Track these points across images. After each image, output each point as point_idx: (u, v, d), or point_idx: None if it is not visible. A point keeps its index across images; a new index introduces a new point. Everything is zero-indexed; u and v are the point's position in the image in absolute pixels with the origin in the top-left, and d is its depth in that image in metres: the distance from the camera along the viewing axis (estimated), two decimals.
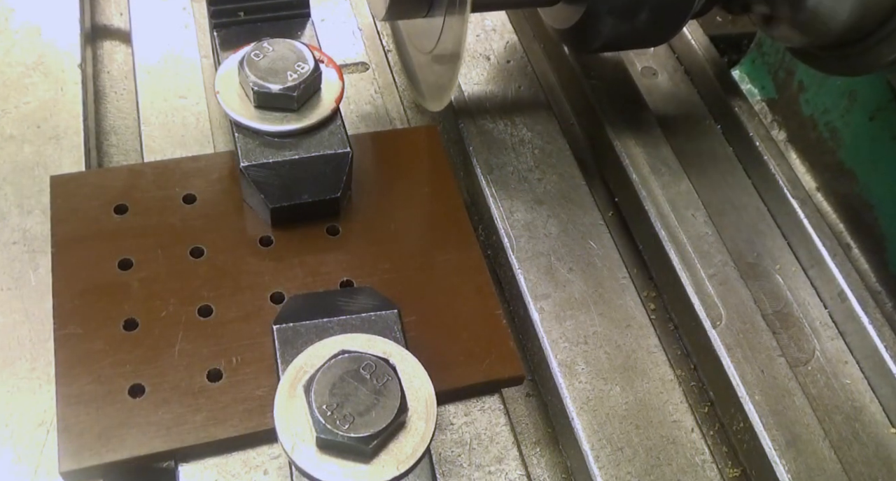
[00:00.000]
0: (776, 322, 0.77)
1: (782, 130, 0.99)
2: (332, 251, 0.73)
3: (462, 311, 0.70)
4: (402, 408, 0.53)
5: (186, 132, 0.83)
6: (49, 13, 0.91)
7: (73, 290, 0.68)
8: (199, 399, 0.63)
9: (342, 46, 0.93)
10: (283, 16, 0.81)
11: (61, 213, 0.72)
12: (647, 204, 0.81)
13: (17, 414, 0.65)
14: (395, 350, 0.58)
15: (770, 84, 1.03)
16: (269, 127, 0.71)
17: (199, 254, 0.71)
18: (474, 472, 0.64)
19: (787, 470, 0.66)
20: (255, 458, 0.63)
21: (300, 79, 0.71)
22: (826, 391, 0.73)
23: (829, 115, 0.95)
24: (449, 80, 0.76)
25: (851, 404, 0.72)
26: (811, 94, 0.96)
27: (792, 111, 1.00)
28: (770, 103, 1.02)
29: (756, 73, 1.07)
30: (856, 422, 0.71)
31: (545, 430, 0.73)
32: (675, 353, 0.78)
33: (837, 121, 0.94)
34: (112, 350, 0.65)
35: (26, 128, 0.81)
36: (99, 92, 0.92)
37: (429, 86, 0.84)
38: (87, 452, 0.60)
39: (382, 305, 0.64)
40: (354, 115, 0.87)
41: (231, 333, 0.67)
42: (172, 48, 0.90)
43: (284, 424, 0.54)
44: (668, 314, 0.80)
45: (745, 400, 0.69)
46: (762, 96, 1.02)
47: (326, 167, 0.72)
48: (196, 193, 0.75)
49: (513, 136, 0.85)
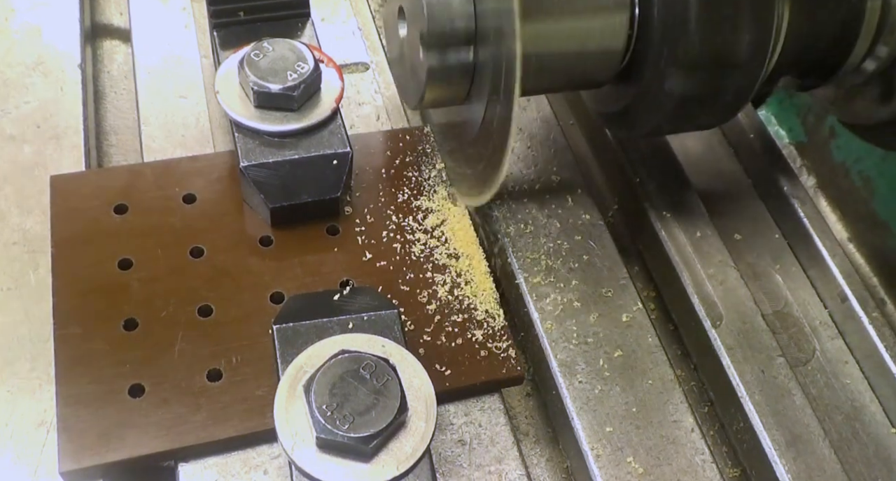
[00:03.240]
0: (776, 322, 0.76)
1: (811, 176, 0.93)
2: (332, 251, 0.73)
3: (462, 311, 0.70)
4: (402, 408, 0.53)
5: (186, 132, 0.83)
6: (49, 13, 0.91)
7: (72, 290, 0.68)
8: (199, 399, 0.63)
9: (342, 46, 0.93)
10: (283, 16, 0.81)
11: (61, 213, 0.72)
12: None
13: (17, 414, 0.65)
14: (395, 350, 0.58)
15: (799, 127, 0.97)
16: (269, 127, 0.72)
17: (199, 254, 0.71)
18: (474, 472, 0.64)
19: (787, 470, 0.66)
20: (255, 458, 0.63)
21: (300, 79, 0.71)
22: (826, 391, 0.73)
23: (863, 163, 0.90)
24: (493, 175, 0.68)
25: (851, 404, 0.72)
26: (843, 141, 0.91)
27: (822, 156, 0.94)
28: (799, 147, 0.97)
29: (784, 115, 1.02)
30: (856, 422, 0.71)
31: (545, 430, 0.73)
32: (675, 353, 0.78)
33: (871, 170, 0.89)
34: (112, 350, 0.65)
35: (26, 128, 0.81)
36: (99, 92, 0.92)
37: (465, 177, 0.76)
38: (87, 452, 0.60)
39: (382, 305, 0.64)
40: (354, 115, 0.87)
41: (231, 333, 0.67)
42: (172, 48, 0.90)
43: (284, 424, 0.54)
44: (668, 314, 0.80)
45: (745, 400, 0.69)
46: (790, 139, 0.97)
47: (326, 167, 0.72)
48: (196, 193, 0.75)
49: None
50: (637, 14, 0.68)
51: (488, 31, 0.66)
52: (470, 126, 0.73)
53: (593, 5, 0.69)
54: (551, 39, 0.69)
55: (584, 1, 0.69)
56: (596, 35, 0.69)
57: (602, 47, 0.70)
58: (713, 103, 0.70)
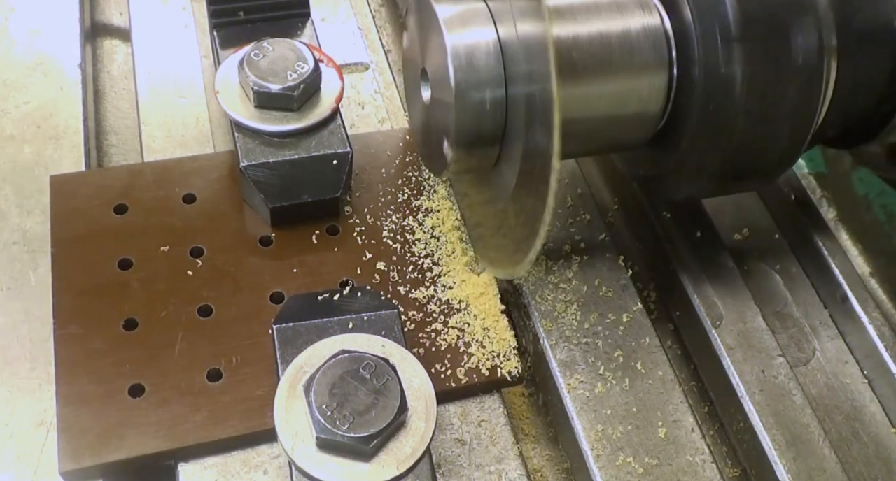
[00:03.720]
0: (776, 322, 0.77)
1: (832, 208, 0.88)
2: (332, 251, 0.73)
3: (462, 311, 0.70)
4: (402, 408, 0.53)
5: (186, 132, 0.83)
6: (49, 13, 0.91)
7: (73, 290, 0.68)
8: (199, 399, 0.63)
9: (342, 46, 0.93)
10: (283, 16, 0.81)
11: (61, 213, 0.72)
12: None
13: (17, 414, 0.65)
14: (395, 350, 0.58)
15: (819, 157, 0.92)
16: (269, 127, 0.72)
17: (199, 254, 0.71)
18: (474, 472, 0.64)
19: (787, 470, 0.66)
20: (255, 458, 0.63)
21: (300, 78, 0.71)
22: (826, 391, 0.73)
23: (887, 197, 0.86)
24: (527, 246, 0.61)
25: (851, 404, 0.72)
26: (866, 173, 0.86)
27: (844, 189, 0.89)
28: (819, 178, 0.91)
29: None
30: (856, 422, 0.71)
31: (545, 430, 0.73)
32: (676, 353, 0.78)
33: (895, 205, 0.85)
34: (112, 350, 0.65)
35: (26, 128, 0.81)
36: (99, 92, 0.92)
37: (490, 247, 0.71)
38: (87, 452, 0.60)
39: (382, 305, 0.64)
40: (354, 115, 0.87)
41: (231, 333, 0.67)
42: (172, 48, 0.90)
43: (284, 424, 0.54)
44: (668, 314, 0.80)
45: (745, 400, 0.69)
46: (810, 169, 0.91)
47: (326, 167, 0.72)
48: (196, 193, 0.75)
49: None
50: (675, 74, 0.64)
51: (520, 97, 0.61)
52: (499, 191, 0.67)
53: (630, 66, 0.64)
54: (585, 103, 0.64)
55: (619, 61, 0.64)
56: (633, 98, 0.65)
57: (638, 111, 0.65)
58: (757, 172, 0.67)
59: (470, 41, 0.62)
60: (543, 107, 0.56)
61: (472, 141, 0.64)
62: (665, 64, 0.64)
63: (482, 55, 0.62)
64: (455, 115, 0.62)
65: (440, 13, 0.63)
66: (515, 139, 0.62)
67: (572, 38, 0.63)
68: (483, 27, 0.63)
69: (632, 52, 0.64)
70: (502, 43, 0.62)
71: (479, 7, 0.64)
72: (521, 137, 0.61)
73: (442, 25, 0.62)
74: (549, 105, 0.55)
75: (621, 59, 0.64)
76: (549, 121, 0.55)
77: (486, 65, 0.62)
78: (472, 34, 0.62)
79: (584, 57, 0.63)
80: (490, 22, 0.63)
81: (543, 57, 0.55)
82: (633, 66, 0.64)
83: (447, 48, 0.61)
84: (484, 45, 0.62)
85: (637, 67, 0.64)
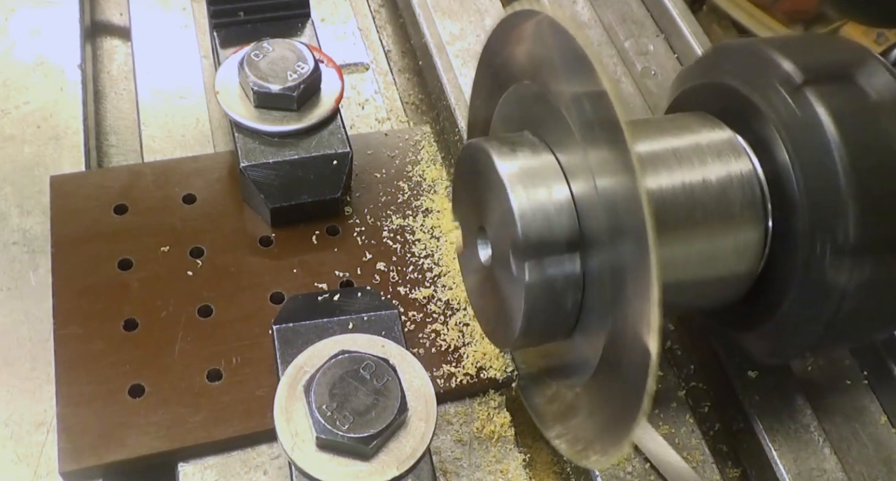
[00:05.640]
0: None
1: None
2: (332, 251, 0.73)
3: (462, 311, 0.70)
4: (402, 408, 0.53)
5: (186, 132, 0.83)
6: (49, 13, 0.91)
7: (72, 290, 0.68)
8: (199, 399, 0.63)
9: (342, 46, 0.93)
10: (283, 16, 0.81)
11: (61, 213, 0.72)
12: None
13: (17, 414, 0.65)
14: (395, 350, 0.58)
15: None
16: (269, 127, 0.72)
17: (199, 254, 0.71)
18: (474, 472, 0.64)
19: (787, 470, 0.66)
20: (255, 458, 0.63)
21: (300, 79, 0.71)
22: (826, 391, 0.73)
23: None
24: (617, 444, 0.52)
25: (851, 404, 0.72)
26: None
27: None
28: None
29: None
30: (856, 422, 0.71)
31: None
32: (676, 354, 0.78)
33: None
34: (112, 350, 0.65)
35: (26, 128, 0.81)
36: (99, 92, 0.92)
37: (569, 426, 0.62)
38: (87, 452, 0.60)
39: (382, 305, 0.64)
40: (354, 115, 0.87)
41: (231, 333, 0.67)
42: (172, 48, 0.90)
43: (284, 424, 0.54)
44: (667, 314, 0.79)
45: (746, 401, 0.69)
46: None
47: (326, 167, 0.72)
48: (196, 193, 0.75)
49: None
50: (771, 227, 0.57)
51: (604, 266, 0.52)
52: (575, 367, 0.59)
53: (724, 219, 0.57)
54: (675, 267, 0.57)
55: (712, 214, 0.56)
56: (724, 258, 0.58)
57: (731, 271, 0.58)
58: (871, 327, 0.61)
59: (539, 201, 0.53)
60: (634, 275, 0.48)
61: (543, 329, 0.56)
62: (760, 215, 0.57)
63: (554, 217, 0.53)
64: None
65: (502, 170, 0.54)
66: (596, 319, 0.54)
67: (657, 191, 0.55)
68: (554, 183, 0.54)
69: (726, 204, 0.57)
70: (576, 201, 0.53)
71: (547, 160, 0.55)
72: (604, 318, 0.53)
73: (506, 183, 0.53)
74: (643, 273, 0.46)
75: (715, 211, 0.57)
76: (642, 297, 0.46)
77: (560, 227, 0.53)
78: (541, 193, 0.53)
79: (672, 212, 0.55)
80: (561, 176, 0.54)
81: (634, 216, 0.47)
82: (728, 220, 0.57)
83: (515, 214, 0.53)
84: (556, 203, 0.53)
85: (731, 220, 0.57)
